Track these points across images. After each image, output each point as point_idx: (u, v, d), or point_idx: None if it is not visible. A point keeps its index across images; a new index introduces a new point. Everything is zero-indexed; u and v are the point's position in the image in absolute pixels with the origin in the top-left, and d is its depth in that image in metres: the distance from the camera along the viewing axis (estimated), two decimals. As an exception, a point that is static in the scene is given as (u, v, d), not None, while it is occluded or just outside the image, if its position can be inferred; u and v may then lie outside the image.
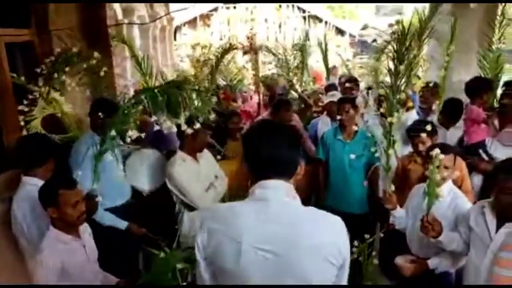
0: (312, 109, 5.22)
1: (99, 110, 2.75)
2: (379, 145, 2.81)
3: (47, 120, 2.99)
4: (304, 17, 16.62)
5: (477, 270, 2.05)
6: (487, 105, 3.43)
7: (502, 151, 3.25)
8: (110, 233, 2.84)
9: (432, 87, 4.67)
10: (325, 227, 1.28)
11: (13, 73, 3.00)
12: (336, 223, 1.31)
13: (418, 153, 3.03)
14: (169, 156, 3.11)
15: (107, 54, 4.18)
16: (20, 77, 2.91)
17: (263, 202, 1.28)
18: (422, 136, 2.96)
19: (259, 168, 1.32)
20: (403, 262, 2.57)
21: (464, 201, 2.51)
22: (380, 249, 2.88)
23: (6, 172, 2.72)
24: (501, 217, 2.00)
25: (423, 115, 4.43)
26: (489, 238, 2.02)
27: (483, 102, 3.42)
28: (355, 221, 3.34)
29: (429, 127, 2.97)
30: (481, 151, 3.32)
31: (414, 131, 3.09)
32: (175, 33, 14.27)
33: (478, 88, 3.49)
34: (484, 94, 3.42)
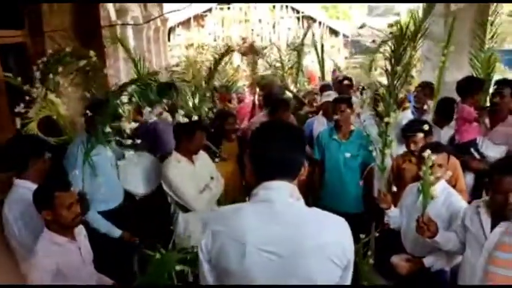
0: (305, 107, 5.23)
1: (89, 109, 2.74)
2: (374, 145, 2.82)
3: (43, 122, 2.96)
4: (298, 18, 16.66)
5: (473, 269, 2.06)
6: (478, 104, 3.45)
7: (493, 149, 3.29)
8: (105, 235, 2.84)
9: (426, 87, 4.70)
10: (329, 228, 1.28)
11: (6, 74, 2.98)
12: (340, 224, 1.31)
13: (413, 152, 3.05)
14: (163, 159, 3.10)
15: (101, 55, 4.16)
16: (17, 78, 2.89)
17: (267, 203, 1.27)
18: (417, 136, 2.98)
19: (265, 169, 1.31)
20: (399, 261, 2.58)
21: (458, 199, 2.53)
22: (375, 248, 2.89)
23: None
24: (496, 216, 2.01)
25: (418, 115, 4.45)
26: (484, 237, 2.02)
27: (474, 101, 3.44)
28: (350, 221, 3.33)
29: (426, 127, 2.99)
30: (473, 150, 3.34)
31: (410, 131, 3.10)
32: (169, 34, 14.24)
33: (469, 88, 3.51)
34: (475, 94, 3.45)
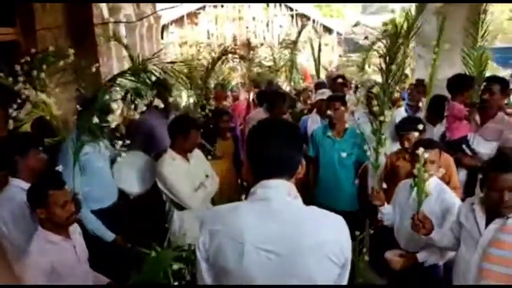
0: (299, 104, 5.25)
1: (78, 105, 2.74)
2: (367, 143, 2.83)
3: (36, 123, 2.93)
4: (292, 16, 16.67)
5: (467, 265, 2.07)
6: (468, 101, 3.47)
7: (484, 146, 3.31)
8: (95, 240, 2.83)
9: (420, 85, 4.74)
10: (327, 226, 1.28)
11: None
12: (338, 222, 1.31)
13: (407, 150, 3.07)
14: (158, 158, 3.09)
15: (93, 53, 4.14)
16: (8, 78, 2.85)
17: (265, 202, 1.27)
18: (411, 134, 2.99)
19: (262, 167, 1.31)
20: (393, 256, 2.61)
21: (450, 196, 2.55)
22: (370, 245, 2.90)
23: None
24: (491, 213, 2.02)
25: (411, 112, 4.49)
26: (479, 234, 2.03)
27: (464, 98, 3.46)
28: (345, 218, 3.37)
29: (420, 126, 3.01)
30: (464, 146, 3.37)
31: (404, 130, 3.11)
32: (162, 31, 14.17)
33: (459, 85, 3.54)
34: (465, 91, 3.47)
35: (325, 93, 4.40)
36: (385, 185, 2.87)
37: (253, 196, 1.31)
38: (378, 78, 2.84)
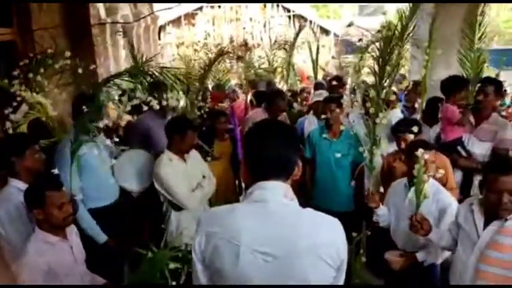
0: (295, 105, 5.26)
1: (78, 104, 2.73)
2: (362, 144, 2.84)
3: (32, 124, 2.93)
4: (289, 17, 16.69)
5: (464, 266, 2.07)
6: (462, 103, 3.48)
7: (479, 146, 3.33)
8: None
9: (416, 86, 4.76)
10: (323, 228, 1.28)
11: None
12: (334, 224, 1.31)
13: (403, 151, 3.08)
14: (155, 159, 3.10)
15: (90, 53, 4.14)
16: (4, 80, 2.84)
17: (261, 203, 1.27)
18: (407, 135, 3.01)
19: (259, 168, 1.31)
20: (392, 256, 2.61)
21: (446, 195, 2.56)
22: (366, 246, 2.91)
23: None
24: (489, 215, 2.02)
25: (408, 113, 4.51)
26: (477, 235, 2.04)
27: (457, 100, 3.47)
28: (341, 219, 3.37)
29: (416, 128, 3.03)
30: (459, 147, 3.39)
31: (400, 131, 3.13)
32: (159, 32, 14.15)
33: (451, 87, 3.56)
34: (457, 92, 3.48)
35: (321, 94, 4.41)
36: (382, 189, 2.88)
37: (249, 197, 1.30)
38: (372, 79, 2.84)
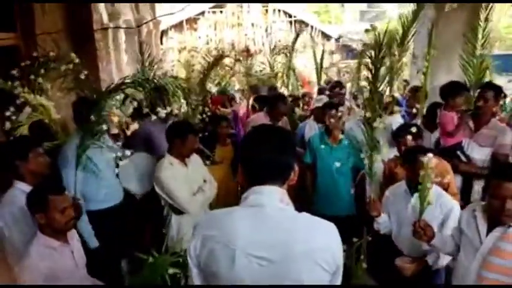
0: (296, 110, 5.27)
1: (80, 108, 2.77)
2: (362, 150, 2.84)
3: (34, 126, 2.95)
4: (290, 22, 16.74)
5: (466, 272, 2.07)
6: (462, 108, 3.49)
7: (479, 151, 3.34)
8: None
9: (416, 91, 4.77)
10: (319, 233, 1.28)
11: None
12: (330, 229, 1.30)
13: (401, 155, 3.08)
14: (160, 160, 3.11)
15: (93, 58, 4.16)
16: (7, 82, 2.86)
17: (257, 208, 1.27)
18: (407, 139, 3.01)
19: (255, 173, 1.31)
20: (403, 263, 2.57)
21: (448, 198, 2.56)
22: (367, 252, 2.90)
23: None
24: (492, 221, 2.01)
25: (409, 119, 4.51)
26: (479, 241, 2.03)
27: (455, 105, 3.48)
28: (342, 225, 3.36)
29: (414, 129, 3.03)
30: (459, 152, 3.39)
31: (399, 135, 3.14)
32: (161, 37, 14.20)
33: (448, 92, 3.57)
34: (454, 98, 3.49)
35: (322, 100, 4.43)
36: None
37: (245, 202, 1.30)
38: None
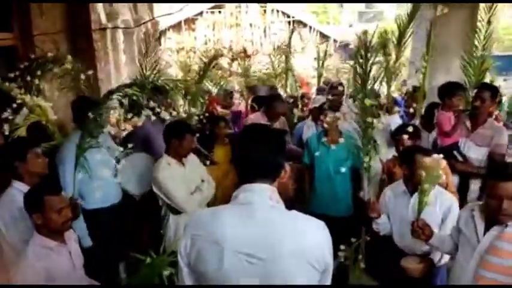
0: (296, 110, 5.27)
1: (80, 107, 2.77)
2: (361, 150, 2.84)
3: (32, 127, 2.94)
4: (289, 22, 16.74)
5: (464, 271, 2.07)
6: (460, 108, 3.50)
7: (476, 151, 3.35)
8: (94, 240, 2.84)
9: (414, 91, 4.78)
10: (308, 231, 1.29)
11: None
12: (320, 227, 1.32)
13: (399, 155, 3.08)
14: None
15: (91, 58, 4.15)
16: (4, 83, 2.85)
17: (247, 206, 1.28)
18: (405, 139, 3.02)
19: (245, 171, 1.32)
20: (412, 264, 2.55)
21: (448, 196, 2.57)
22: (366, 252, 2.90)
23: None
24: (490, 221, 2.02)
25: (408, 119, 4.52)
26: (477, 241, 2.04)
27: (453, 105, 3.49)
28: (340, 225, 3.38)
29: (410, 128, 3.04)
30: (455, 152, 3.40)
31: (397, 135, 3.15)
32: (159, 37, 14.19)
33: (444, 92, 3.59)
34: (450, 97, 3.51)
35: (319, 100, 4.43)
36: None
37: (235, 200, 1.32)
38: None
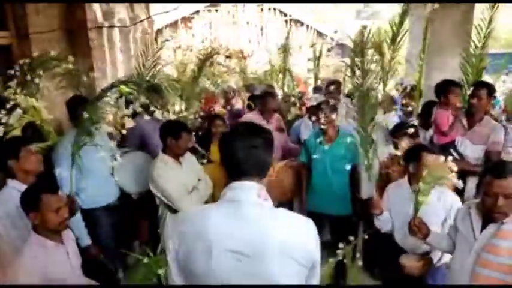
0: (292, 109, 5.27)
1: (75, 106, 2.77)
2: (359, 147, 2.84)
3: (27, 127, 2.93)
4: (286, 21, 16.73)
5: (461, 269, 2.08)
6: (458, 106, 3.51)
7: (472, 149, 3.37)
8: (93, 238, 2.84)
9: (411, 90, 4.79)
10: (295, 229, 1.30)
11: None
12: (306, 224, 1.33)
13: (406, 154, 3.08)
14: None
15: (88, 57, 4.14)
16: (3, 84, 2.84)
17: (234, 203, 1.29)
18: (404, 138, 3.02)
19: (231, 169, 1.34)
20: (412, 262, 2.55)
21: (450, 195, 2.58)
22: (364, 250, 2.91)
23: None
24: (486, 218, 2.04)
25: (405, 117, 4.54)
26: (474, 238, 2.05)
27: (449, 103, 3.50)
28: (338, 223, 3.40)
29: (410, 128, 3.04)
30: (452, 150, 3.41)
31: (397, 134, 3.15)
32: (156, 36, 14.14)
33: (439, 90, 3.60)
34: (446, 94, 3.52)
35: (316, 98, 4.44)
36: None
37: (223, 197, 1.33)
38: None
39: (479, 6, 5.27)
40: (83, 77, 3.14)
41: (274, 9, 16.59)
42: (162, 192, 2.86)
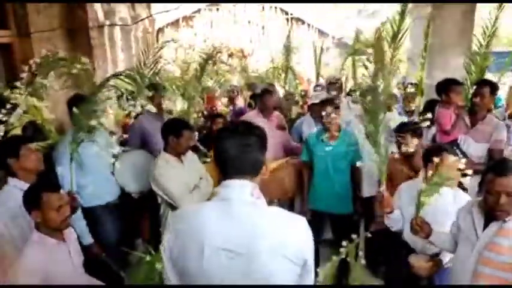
0: (294, 108, 5.27)
1: (73, 104, 2.73)
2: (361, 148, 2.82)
3: (27, 126, 2.93)
4: (287, 19, 16.72)
5: (463, 267, 2.08)
6: (456, 103, 3.50)
7: (475, 147, 3.36)
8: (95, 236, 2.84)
9: (416, 87, 4.79)
10: (287, 227, 1.30)
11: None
12: (299, 223, 1.33)
13: (404, 153, 3.07)
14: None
15: (89, 56, 4.14)
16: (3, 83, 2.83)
17: (227, 201, 1.29)
18: (408, 137, 3.01)
19: (224, 167, 1.34)
20: (420, 262, 2.52)
21: (463, 195, 2.56)
22: (366, 249, 2.89)
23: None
24: (488, 217, 2.03)
25: (406, 116, 4.53)
26: (476, 237, 2.04)
27: (451, 101, 3.49)
28: (340, 222, 3.39)
29: (418, 129, 3.04)
30: (455, 149, 3.41)
31: (401, 132, 3.13)
32: (157, 34, 14.15)
33: (441, 88, 3.59)
34: (445, 94, 3.51)
35: (318, 96, 4.42)
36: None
37: (216, 196, 1.34)
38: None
39: (480, 5, 5.27)
40: (89, 75, 3.13)
41: (275, 7, 16.58)
42: (164, 190, 2.86)
